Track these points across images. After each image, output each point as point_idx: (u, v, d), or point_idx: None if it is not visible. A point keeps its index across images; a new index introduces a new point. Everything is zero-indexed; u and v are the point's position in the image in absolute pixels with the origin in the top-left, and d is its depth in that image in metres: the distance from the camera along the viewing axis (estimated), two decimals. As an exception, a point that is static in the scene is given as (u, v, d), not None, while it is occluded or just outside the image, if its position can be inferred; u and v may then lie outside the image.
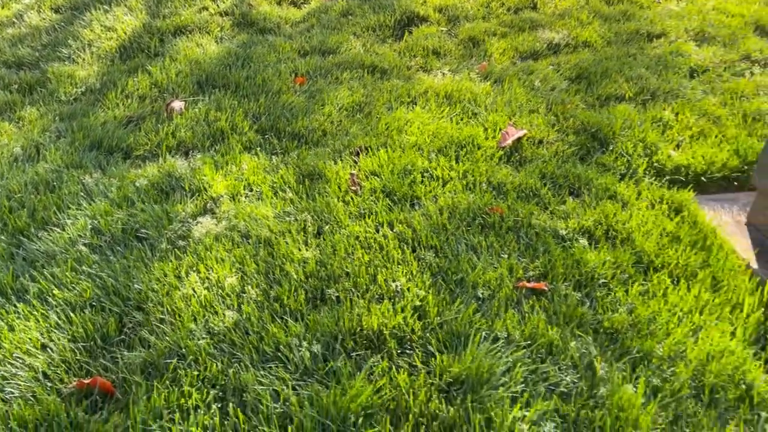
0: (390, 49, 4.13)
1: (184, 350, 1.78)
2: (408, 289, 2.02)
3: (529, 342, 1.85)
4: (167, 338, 1.82)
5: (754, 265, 2.34)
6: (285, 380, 1.70)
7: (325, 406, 1.61)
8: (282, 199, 2.53)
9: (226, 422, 1.59)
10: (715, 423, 1.65)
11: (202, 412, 1.60)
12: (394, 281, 2.05)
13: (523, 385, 1.72)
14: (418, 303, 1.96)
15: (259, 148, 2.99)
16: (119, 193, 2.59)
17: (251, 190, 2.62)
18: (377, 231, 2.32)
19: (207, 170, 2.74)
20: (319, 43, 4.21)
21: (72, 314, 1.95)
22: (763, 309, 2.04)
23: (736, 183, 2.78)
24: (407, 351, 1.82)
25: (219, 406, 1.63)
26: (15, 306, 2.01)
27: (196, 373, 1.71)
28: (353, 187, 2.60)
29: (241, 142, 3.05)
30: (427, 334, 1.86)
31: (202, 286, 2.03)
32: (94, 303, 2.00)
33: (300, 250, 2.20)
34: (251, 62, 3.93)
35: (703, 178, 2.76)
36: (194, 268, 2.12)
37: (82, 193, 2.65)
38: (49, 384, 1.74)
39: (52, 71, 3.91)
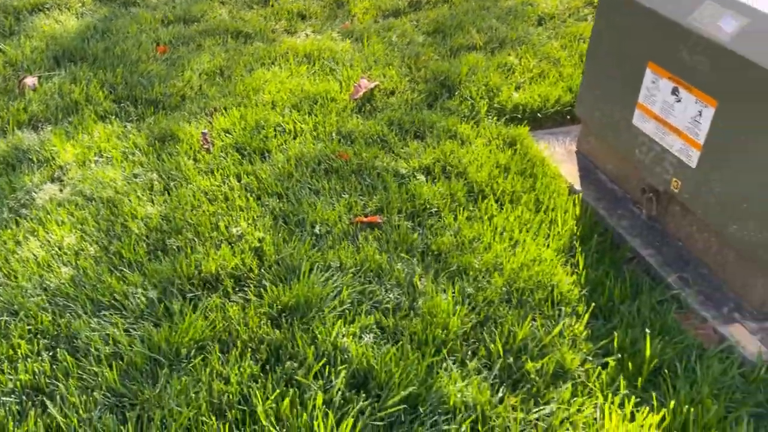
0: (256, 14, 4.14)
1: (16, 307, 1.80)
2: (249, 233, 2.11)
3: (359, 268, 1.99)
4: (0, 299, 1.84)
5: (578, 186, 2.57)
6: (118, 325, 1.76)
7: (156, 343, 1.69)
8: (132, 162, 2.54)
9: (56, 366, 1.64)
10: (519, 320, 1.84)
11: (31, 360, 1.64)
12: (235, 227, 2.14)
13: (350, 305, 1.85)
14: (257, 244, 2.06)
15: (114, 117, 2.97)
16: (-41, 168, 2.53)
17: (101, 156, 2.62)
18: (224, 184, 2.39)
19: (56, 140, 2.71)
20: (183, 12, 4.16)
21: None
22: (575, 222, 2.27)
23: (569, 117, 3.02)
24: (243, 288, 1.92)
25: (50, 353, 1.67)
26: None
27: (27, 327, 1.74)
28: (205, 146, 2.65)
29: (96, 112, 3.02)
30: (264, 271, 1.97)
31: (41, 249, 2.04)
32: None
33: (144, 207, 2.25)
34: (111, 34, 3.85)
35: (539, 115, 2.98)
36: (34, 233, 2.12)
37: None
38: None
39: None
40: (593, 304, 1.93)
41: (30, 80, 3.32)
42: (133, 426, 1.52)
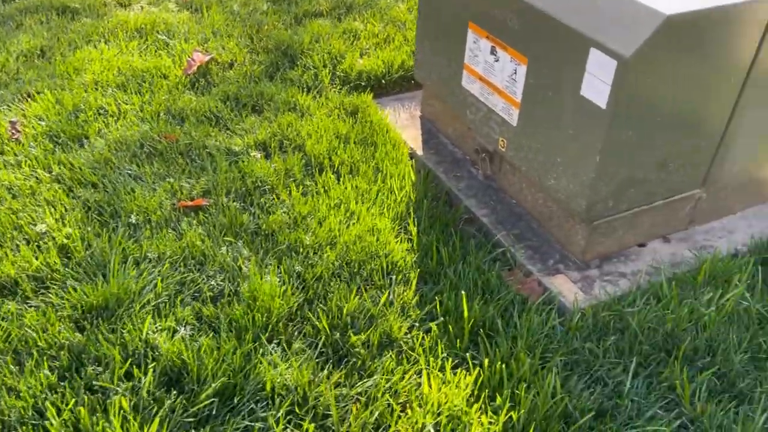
0: (87, -13, 3.80)
1: None
2: (55, 229, 1.93)
3: (179, 257, 1.87)
4: None
5: (420, 151, 2.56)
6: None
7: (-65, 363, 1.51)
8: (-75, 160, 2.26)
9: None
10: (348, 294, 1.80)
11: None
12: (40, 224, 1.94)
13: (166, 298, 1.74)
14: (64, 241, 1.88)
15: None
16: None
17: None
18: (31, 176, 2.17)
19: None
20: (2, -13, 3.75)
21: None
22: (412, 188, 2.25)
23: (413, 81, 3.00)
24: (47, 291, 1.75)
25: None
26: None
27: None
28: (14, 136, 2.39)
29: None
30: (70, 271, 1.80)
31: None
32: None
33: (-67, 209, 2.00)
34: None
35: (383, 81, 2.93)
36: None
37: None
38: None
39: None
40: (422, 269, 1.92)
41: None
42: None
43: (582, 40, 1.72)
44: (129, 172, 2.20)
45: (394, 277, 1.89)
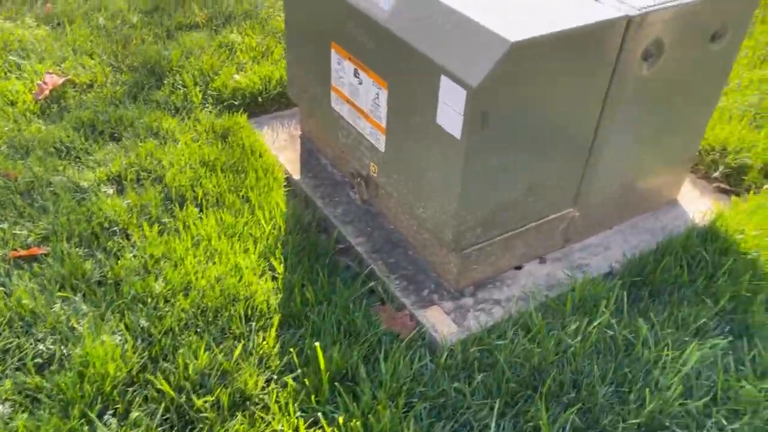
0: (-66, -1, 3.43)
1: None
2: None
3: (5, 319, 1.65)
4: None
5: (297, 175, 2.42)
6: None
7: None
8: None
9: None
10: (200, 348, 1.65)
11: None
12: None
13: (-17, 371, 1.53)
14: None
15: None
16: None
17: None
18: None
19: None
20: None
21: None
22: (283, 218, 2.11)
23: (292, 98, 2.85)
24: None
25: None
26: None
27: None
28: None
29: None
30: None
31: None
32: None
33: None
34: None
35: (259, 99, 2.77)
36: None
37: None
38: None
39: None
40: (285, 312, 1.79)
41: None
42: None
43: (432, 66, 1.62)
44: (-46, 219, 1.95)
45: (254, 324, 1.75)
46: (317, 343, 1.59)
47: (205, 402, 1.52)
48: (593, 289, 1.83)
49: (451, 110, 1.61)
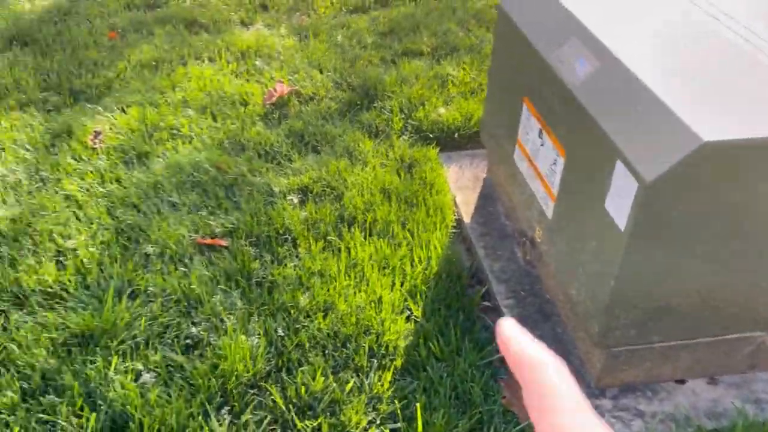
0: (221, 2, 4.06)
1: None
2: (83, 246, 2.06)
3: (173, 296, 1.91)
4: None
5: (468, 219, 2.40)
6: None
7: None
8: (16, 157, 2.54)
9: None
10: (321, 370, 1.72)
11: None
12: (73, 239, 2.09)
13: (145, 338, 1.78)
14: (85, 260, 2.01)
15: (33, 107, 2.98)
16: None
17: (-5, 149, 2.63)
18: (88, 189, 2.34)
19: (-41, 129, 2.73)
20: (150, -5, 4.13)
21: None
22: (439, 260, 2.11)
23: (490, 139, 2.82)
24: (52, 307, 1.88)
25: None
26: None
27: None
28: (95, 145, 2.61)
29: (18, 100, 3.03)
30: (78, 292, 1.92)
31: None
32: None
33: (-1, 208, 2.24)
34: (71, 17, 3.86)
35: (456, 135, 2.79)
36: None
37: None
38: None
39: None
40: (409, 358, 1.79)
41: (-29, 62, 3.37)
42: None
43: (610, 147, 1.48)
44: (170, 199, 2.30)
45: (375, 361, 1.78)
46: (418, 404, 1.57)
47: (306, 426, 1.60)
48: (760, 437, 1.53)
49: (620, 198, 1.46)
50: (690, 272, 1.53)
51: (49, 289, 1.92)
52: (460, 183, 2.59)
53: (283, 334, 1.83)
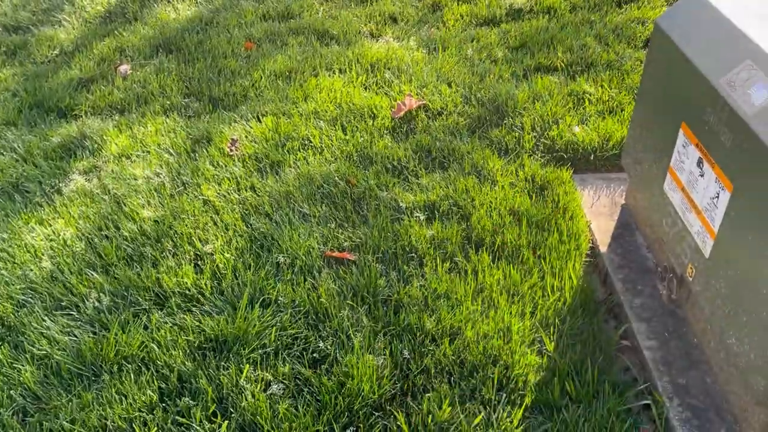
0: (350, 14, 4.13)
1: (-10, 292, 2.01)
2: (219, 251, 2.13)
3: (301, 309, 1.92)
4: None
5: (603, 248, 2.26)
6: (66, 326, 1.89)
7: (83, 353, 1.78)
8: (161, 161, 2.68)
9: (-8, 358, 1.80)
10: (448, 399, 1.66)
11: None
12: (210, 244, 2.17)
13: (274, 348, 1.80)
14: (221, 265, 2.07)
15: (175, 112, 3.15)
16: (25, 147, 2.85)
17: (142, 152, 2.80)
18: (225, 196, 2.43)
19: (111, 132, 2.94)
20: (285, 8, 4.27)
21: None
22: (572, 291, 1.99)
23: (629, 162, 2.64)
24: (190, 309, 1.95)
25: (-1, 343, 1.85)
26: None
27: (-10, 313, 1.94)
28: (232, 152, 2.71)
29: (162, 105, 3.22)
30: (213, 297, 1.98)
31: (43, 239, 2.24)
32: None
33: (144, 208, 2.36)
34: (212, 27, 4.07)
35: (592, 156, 2.64)
36: (44, 222, 2.33)
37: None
38: None
39: (38, 34, 4.24)
40: (540, 395, 1.69)
41: (123, 68, 3.63)
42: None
43: (796, 187, 1.32)
44: (300, 209, 2.33)
45: (504, 395, 1.70)
46: (556, 451, 1.46)
47: (432, 457, 1.54)
48: None
49: (804, 245, 1.29)
50: None
51: (187, 291, 2.00)
52: (595, 208, 2.44)
53: (408, 356, 1.79)
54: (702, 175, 1.72)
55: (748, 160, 1.50)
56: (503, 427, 1.62)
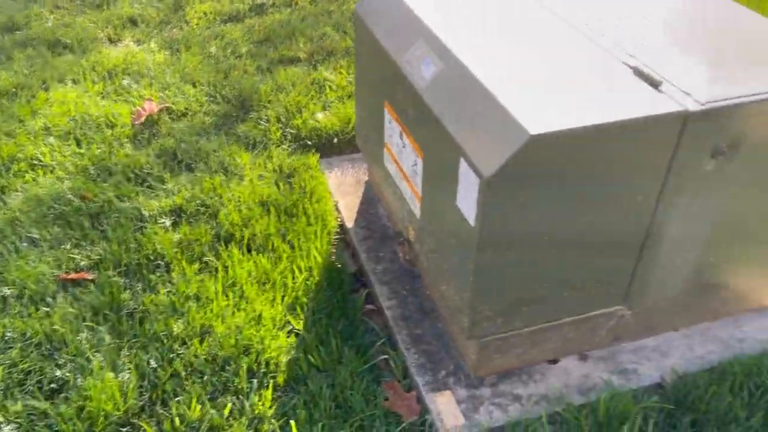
0: (85, 20, 3.86)
1: None
2: (-69, 297, 1.91)
3: (37, 340, 1.80)
4: None
5: (350, 223, 2.40)
6: None
7: None
8: None
9: None
10: (199, 397, 1.68)
11: None
12: None
13: (5, 387, 1.67)
14: (-68, 312, 1.86)
15: None
16: None
17: None
18: (-63, 234, 2.17)
19: None
20: (8, 19, 3.87)
21: None
22: (320, 269, 2.10)
23: (369, 141, 2.84)
24: None
25: None
26: None
27: None
28: (-56, 185, 2.42)
29: None
30: (-74, 346, 1.77)
31: None
32: None
33: None
34: None
35: (335, 140, 2.79)
36: None
37: None
38: None
39: None
40: (291, 373, 1.77)
41: None
42: None
43: (455, 146, 1.52)
44: (29, 235, 2.16)
45: (255, 381, 1.75)
46: (293, 422, 1.55)
47: (184, 457, 1.55)
48: (620, 405, 1.62)
49: (467, 195, 1.50)
50: (545, 261, 1.59)
51: None
52: (342, 188, 2.59)
53: (156, 365, 1.76)
54: (404, 147, 1.91)
55: (427, 128, 1.70)
56: (256, 410, 1.68)
